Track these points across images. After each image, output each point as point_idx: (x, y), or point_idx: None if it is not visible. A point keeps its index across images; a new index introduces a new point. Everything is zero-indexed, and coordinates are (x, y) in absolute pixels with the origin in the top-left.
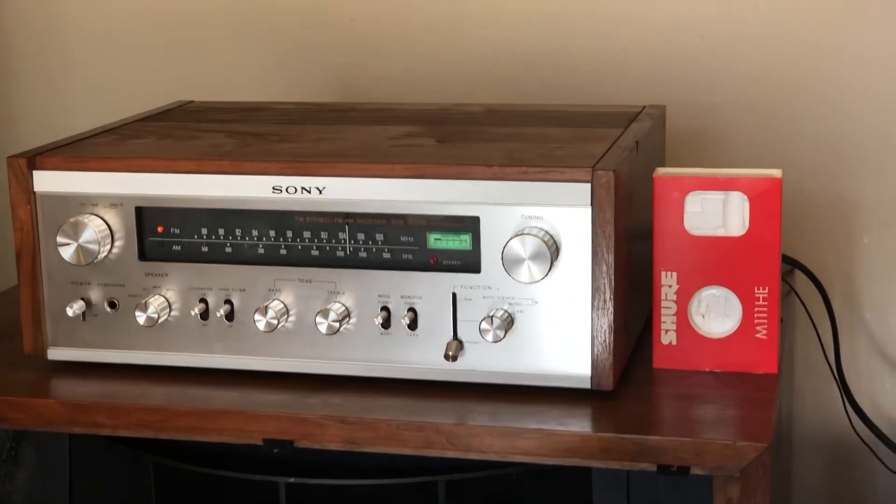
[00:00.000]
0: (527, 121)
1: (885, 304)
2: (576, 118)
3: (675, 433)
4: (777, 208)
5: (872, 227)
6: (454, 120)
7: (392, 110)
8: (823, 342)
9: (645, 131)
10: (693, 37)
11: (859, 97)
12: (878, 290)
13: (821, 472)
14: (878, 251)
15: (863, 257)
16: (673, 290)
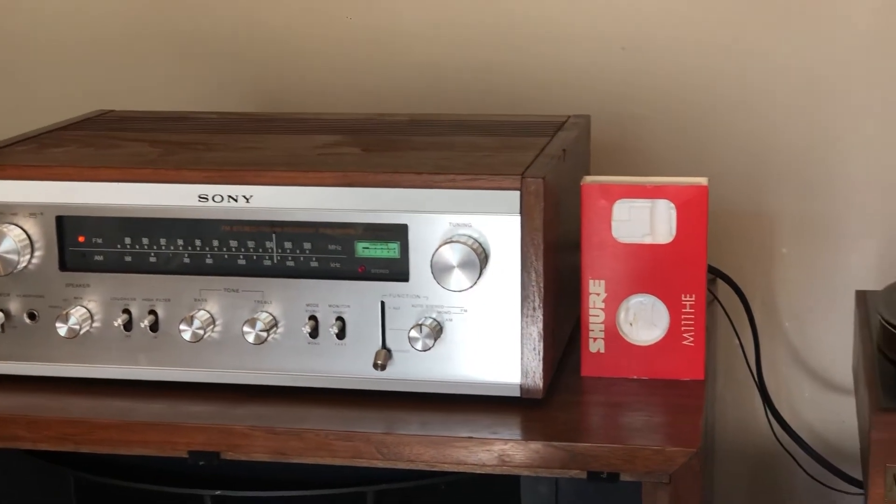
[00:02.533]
0: (453, 130)
1: (803, 313)
2: (502, 127)
3: (605, 440)
4: (703, 216)
5: (791, 237)
6: (379, 129)
7: (316, 120)
8: (745, 350)
9: (571, 140)
10: (615, 49)
11: (780, 109)
12: (797, 300)
13: (742, 478)
14: (796, 261)
15: (782, 267)
16: (601, 298)
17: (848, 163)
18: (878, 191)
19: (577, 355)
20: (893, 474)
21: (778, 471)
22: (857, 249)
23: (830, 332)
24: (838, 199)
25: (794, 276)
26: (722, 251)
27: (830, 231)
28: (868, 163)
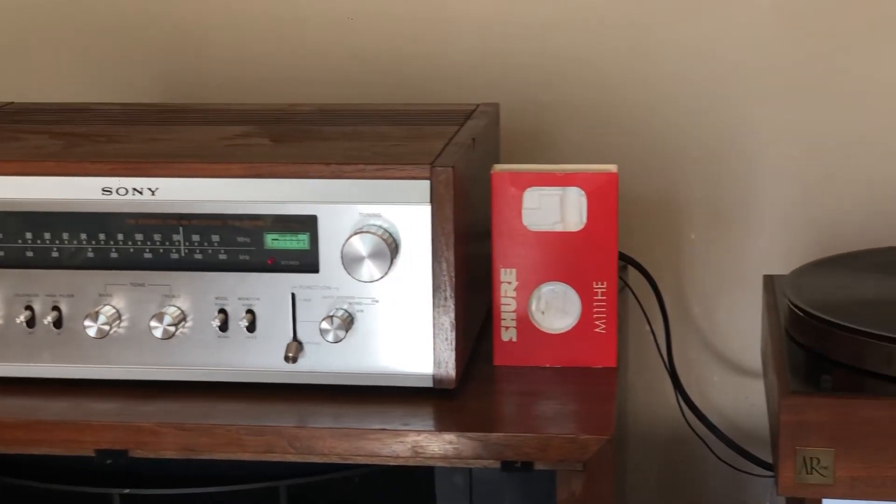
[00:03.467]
0: (362, 120)
1: (712, 299)
2: (411, 117)
3: (518, 429)
4: (614, 203)
5: (700, 223)
6: (288, 120)
7: (224, 111)
8: (656, 337)
9: (480, 129)
10: (524, 35)
11: (689, 96)
12: (705, 286)
13: (654, 464)
14: (705, 247)
15: (691, 253)
16: (512, 286)
17: (755, 148)
18: (785, 176)
19: (489, 344)
20: (803, 457)
21: (689, 455)
22: (764, 234)
23: (739, 316)
24: (746, 185)
25: (703, 262)
26: (632, 238)
27: (738, 216)
28: (775, 149)
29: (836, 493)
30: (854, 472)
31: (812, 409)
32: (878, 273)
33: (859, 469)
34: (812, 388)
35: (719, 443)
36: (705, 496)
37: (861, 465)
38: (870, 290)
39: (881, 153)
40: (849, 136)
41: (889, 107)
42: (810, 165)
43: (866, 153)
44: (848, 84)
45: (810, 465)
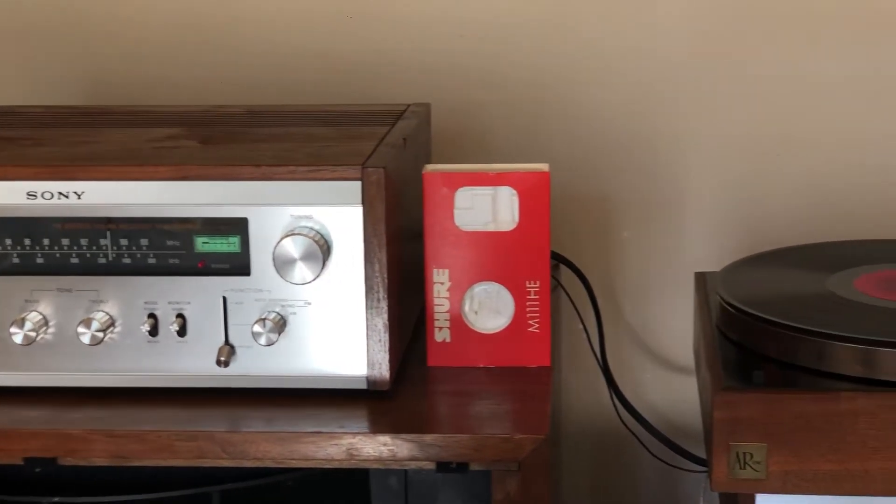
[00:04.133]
0: (292, 121)
1: (644, 297)
2: (341, 117)
3: (453, 430)
4: (546, 202)
5: (631, 222)
6: (216, 121)
7: (150, 113)
8: (590, 335)
9: (412, 129)
10: (453, 35)
11: (619, 96)
12: (638, 284)
13: (589, 462)
14: (636, 245)
15: (623, 251)
16: (445, 287)
17: (685, 147)
18: (715, 174)
19: (423, 345)
20: (736, 452)
21: (623, 453)
22: (695, 232)
23: (671, 314)
24: (676, 183)
25: (635, 260)
26: (564, 237)
27: (669, 214)
28: (705, 147)
29: (769, 487)
30: (786, 467)
31: (744, 405)
32: (807, 268)
33: (792, 463)
34: (744, 384)
35: (653, 439)
36: (640, 493)
37: (793, 459)
38: (800, 286)
39: (808, 149)
40: (776, 134)
41: (815, 103)
42: (739, 163)
43: (794, 150)
44: (774, 82)
45: (743, 460)
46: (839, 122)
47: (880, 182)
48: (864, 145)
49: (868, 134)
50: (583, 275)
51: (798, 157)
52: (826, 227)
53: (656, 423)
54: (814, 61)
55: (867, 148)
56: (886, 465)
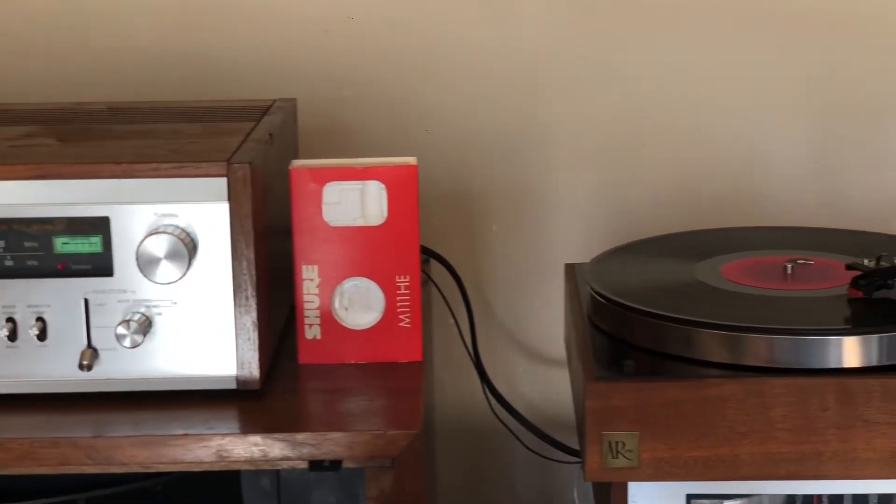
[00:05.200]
0: (154, 118)
1: (515, 290)
2: (206, 114)
3: (325, 428)
4: (414, 195)
5: (500, 215)
6: (75, 119)
7: (7, 111)
8: (462, 330)
9: (278, 124)
10: (318, 31)
11: (485, 90)
12: (509, 277)
13: (464, 457)
14: (506, 238)
15: (493, 245)
16: (315, 283)
17: (553, 139)
18: (583, 166)
19: (293, 343)
20: (609, 441)
21: (498, 447)
22: (564, 224)
23: (543, 306)
24: (544, 175)
25: (505, 253)
26: (434, 232)
27: (538, 207)
28: (572, 138)
29: (641, 475)
30: (658, 454)
31: (616, 394)
32: (675, 258)
33: (663, 450)
34: (615, 374)
35: (527, 433)
36: (515, 486)
37: (664, 447)
38: (668, 275)
39: (673, 140)
40: (641, 125)
41: (679, 94)
42: (606, 155)
43: (659, 141)
44: (638, 74)
45: (616, 449)
46: (703, 114)
47: (743, 171)
48: (727, 136)
49: (731, 124)
50: (453, 269)
51: (663, 148)
52: (692, 217)
53: (530, 416)
54: (677, 53)
55: (731, 138)
56: (754, 449)
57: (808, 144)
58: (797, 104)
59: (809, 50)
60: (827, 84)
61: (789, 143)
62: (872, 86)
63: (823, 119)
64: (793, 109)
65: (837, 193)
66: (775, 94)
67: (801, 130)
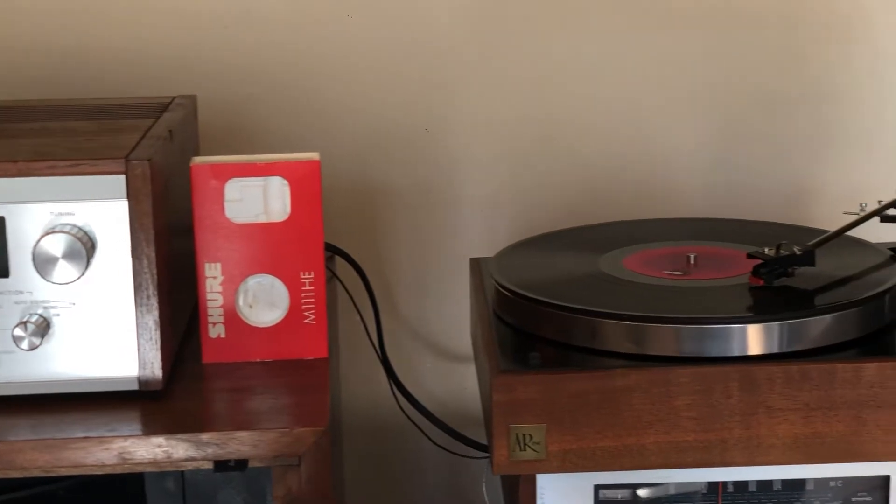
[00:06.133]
0: (51, 116)
1: (421, 286)
2: (103, 111)
3: (230, 427)
4: (317, 191)
5: (405, 211)
6: None
7: None
8: (367, 326)
9: (178, 121)
10: (219, 26)
11: (389, 86)
12: (415, 273)
13: (372, 454)
14: (411, 234)
15: (398, 241)
16: (218, 281)
17: (457, 134)
18: (487, 160)
19: (197, 342)
20: (516, 434)
21: (407, 444)
22: (469, 218)
23: (449, 301)
24: (449, 170)
25: (410, 249)
26: (339, 228)
27: (443, 202)
28: (475, 134)
29: (549, 467)
30: (565, 446)
31: (522, 387)
32: (579, 250)
33: (570, 442)
34: (521, 366)
35: (436, 429)
36: (424, 483)
37: (572, 438)
38: (572, 268)
39: (577, 135)
40: (545, 120)
41: (582, 89)
42: (511, 148)
43: (562, 135)
44: (541, 69)
45: (523, 441)
46: (605, 109)
47: (645, 165)
48: (629, 130)
49: (633, 119)
50: (358, 266)
51: (567, 144)
52: (596, 210)
53: (438, 412)
54: (579, 50)
55: (633, 133)
56: (660, 438)
57: (707, 138)
58: (696, 99)
59: (706, 45)
60: (724, 78)
61: (689, 137)
62: (768, 79)
63: (721, 113)
64: (692, 104)
65: (737, 184)
66: (675, 89)
67: (700, 124)
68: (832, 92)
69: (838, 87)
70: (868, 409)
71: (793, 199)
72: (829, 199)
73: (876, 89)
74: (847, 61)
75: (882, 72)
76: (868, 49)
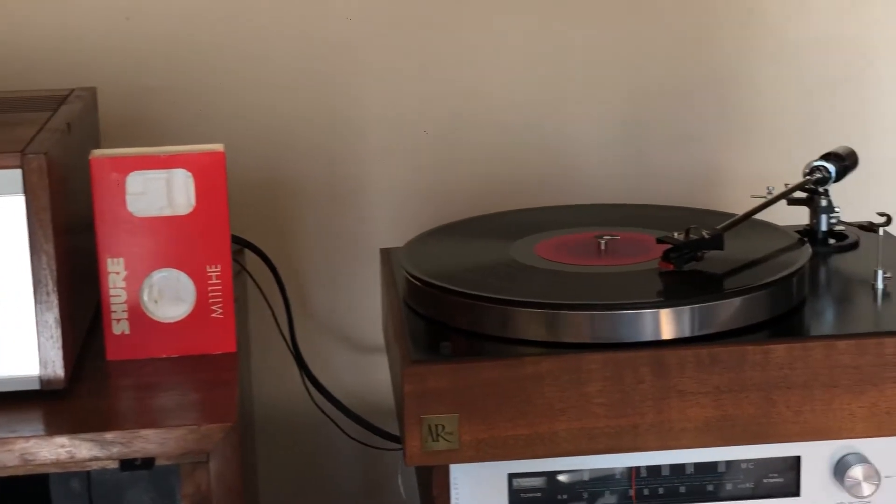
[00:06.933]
0: None
1: (331, 278)
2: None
3: (136, 425)
4: (222, 183)
5: (315, 203)
6: None
7: None
8: (278, 320)
9: (76, 114)
10: (119, 19)
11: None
12: (326, 265)
13: (286, 448)
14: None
15: (308, 233)
16: (121, 276)
17: (365, 125)
18: (396, 150)
19: (101, 339)
20: (428, 425)
21: (321, 437)
22: (379, 209)
23: (361, 293)
24: (358, 161)
25: (321, 241)
26: (247, 221)
27: (352, 193)
28: (383, 125)
29: (462, 457)
30: (478, 435)
31: (433, 377)
32: (489, 238)
33: (483, 431)
34: (432, 356)
35: (350, 422)
36: (340, 476)
37: (484, 427)
38: (482, 256)
39: (483, 124)
40: (452, 110)
41: (488, 79)
42: (419, 139)
43: (470, 125)
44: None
45: (436, 432)
46: (512, 97)
47: (555, 153)
48: (536, 119)
49: (540, 108)
50: (268, 259)
51: (474, 132)
52: (506, 199)
53: (351, 405)
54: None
55: (540, 122)
56: (572, 425)
57: (613, 126)
58: (601, 87)
59: (610, 34)
60: (629, 67)
61: (596, 126)
62: (672, 67)
63: (627, 101)
64: (597, 93)
65: (645, 171)
66: (580, 78)
67: (606, 113)
68: (735, 78)
69: (741, 73)
70: (778, 390)
71: (701, 185)
72: (736, 184)
73: (778, 74)
74: (749, 47)
75: (787, 57)
76: (769, 34)
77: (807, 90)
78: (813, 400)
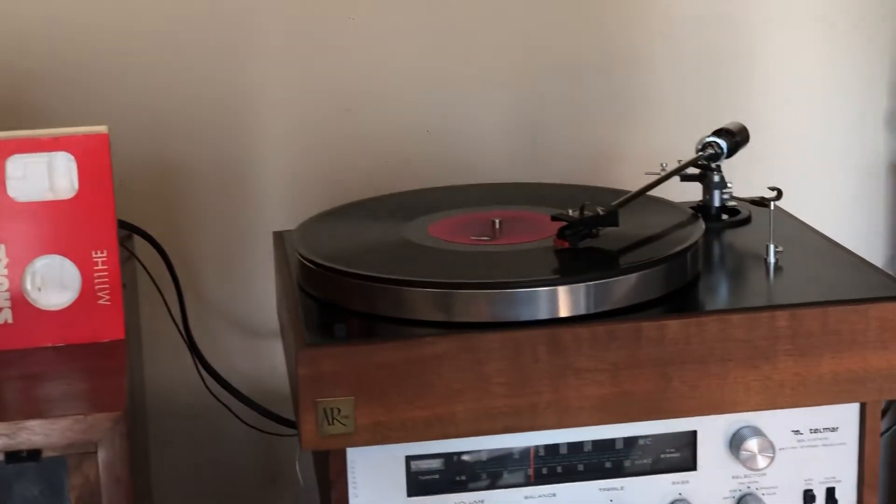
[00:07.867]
0: None
1: (226, 262)
2: None
3: (20, 416)
4: (107, 166)
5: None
6: None
7: None
8: (170, 306)
9: None
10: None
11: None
12: (219, 250)
13: (180, 436)
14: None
15: (198, 217)
16: (3, 264)
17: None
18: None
19: None
20: (324, 409)
21: (217, 424)
22: (271, 192)
23: (255, 277)
24: (249, 144)
25: (212, 225)
26: (136, 206)
27: (244, 176)
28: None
29: (359, 440)
30: (375, 418)
31: (328, 360)
32: (383, 219)
33: (380, 414)
34: (326, 339)
35: (246, 408)
36: (237, 463)
37: (381, 410)
38: (376, 237)
39: (377, 105)
40: (346, 90)
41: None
42: (311, 121)
43: (363, 106)
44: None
45: (331, 415)
46: (405, 78)
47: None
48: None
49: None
50: (158, 244)
51: (367, 113)
52: (400, 179)
53: (249, 392)
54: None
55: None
56: (470, 405)
57: (508, 105)
58: (496, 67)
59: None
60: (523, 45)
61: (491, 105)
62: (566, 45)
63: (521, 79)
64: (492, 72)
65: (540, 150)
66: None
67: (501, 92)
68: (629, 56)
69: (636, 51)
70: (673, 366)
71: (595, 162)
72: (630, 161)
73: (672, 52)
74: (640, 25)
75: (677, 35)
76: (659, 11)
77: (697, 67)
78: (708, 374)
